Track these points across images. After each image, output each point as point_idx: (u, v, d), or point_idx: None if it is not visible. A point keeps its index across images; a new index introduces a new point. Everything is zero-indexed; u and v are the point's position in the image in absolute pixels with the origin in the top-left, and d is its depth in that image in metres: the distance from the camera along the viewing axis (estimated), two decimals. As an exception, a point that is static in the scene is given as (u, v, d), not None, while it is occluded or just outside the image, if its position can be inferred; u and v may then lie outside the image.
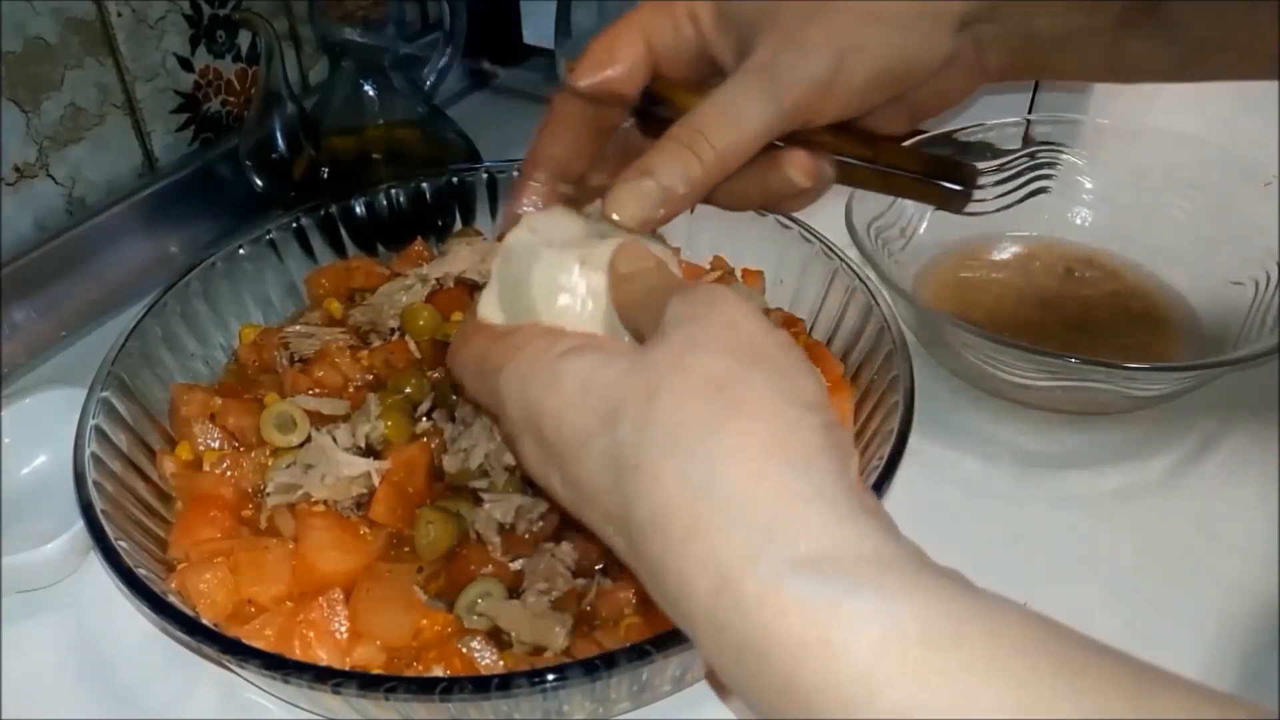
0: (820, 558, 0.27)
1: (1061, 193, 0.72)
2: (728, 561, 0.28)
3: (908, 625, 0.25)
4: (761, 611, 0.27)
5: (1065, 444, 0.61)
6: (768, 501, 0.28)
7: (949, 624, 0.25)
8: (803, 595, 0.26)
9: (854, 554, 0.27)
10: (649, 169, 0.38)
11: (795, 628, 0.26)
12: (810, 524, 0.28)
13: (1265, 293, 0.63)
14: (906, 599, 0.26)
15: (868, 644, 0.25)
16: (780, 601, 0.27)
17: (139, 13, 0.72)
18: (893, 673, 0.25)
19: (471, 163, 0.73)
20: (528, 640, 0.46)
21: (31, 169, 0.69)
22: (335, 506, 0.51)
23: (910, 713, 0.24)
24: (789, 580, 0.27)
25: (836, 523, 0.28)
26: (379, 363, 0.58)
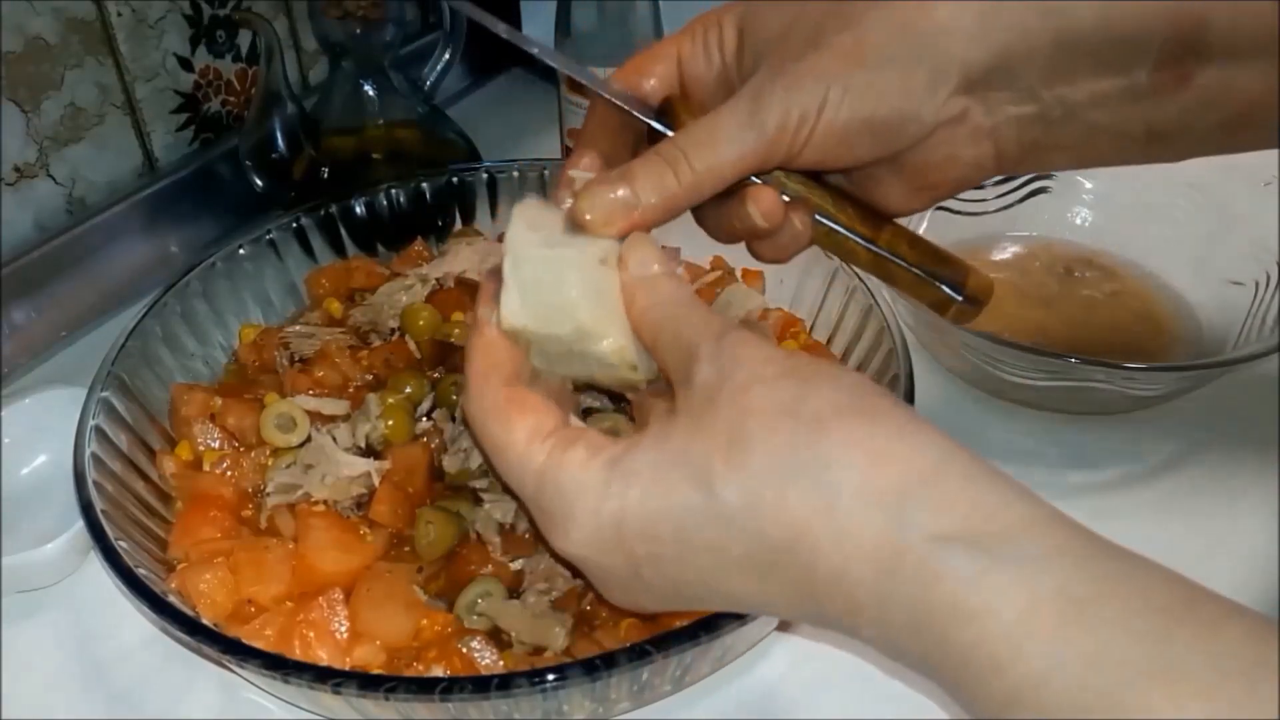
0: (959, 532, 0.29)
1: (1061, 193, 0.72)
2: (876, 549, 0.30)
3: (1047, 590, 0.27)
4: (919, 588, 0.29)
5: (1065, 444, 0.61)
6: (894, 487, 0.30)
7: (1085, 587, 0.27)
8: (952, 568, 0.29)
9: (991, 524, 0.29)
10: (628, 177, 0.39)
11: (948, 598, 0.28)
12: (941, 499, 0.30)
13: (1265, 293, 0.63)
14: (1045, 565, 0.28)
15: (1012, 609, 0.27)
16: (934, 574, 0.29)
17: (139, 13, 0.72)
18: (1035, 635, 0.27)
19: (471, 163, 0.73)
20: (528, 640, 0.46)
21: (31, 169, 0.69)
22: (335, 506, 0.51)
23: (1054, 667, 0.27)
24: (936, 556, 0.29)
25: (962, 492, 0.30)
26: (379, 363, 0.58)
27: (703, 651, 0.43)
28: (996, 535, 0.29)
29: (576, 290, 0.38)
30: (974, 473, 0.31)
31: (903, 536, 0.29)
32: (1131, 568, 0.28)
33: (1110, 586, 0.28)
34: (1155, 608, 0.27)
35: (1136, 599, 0.27)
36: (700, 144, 0.38)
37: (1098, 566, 0.28)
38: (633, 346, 0.38)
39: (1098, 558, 0.28)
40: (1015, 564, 0.28)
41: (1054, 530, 0.29)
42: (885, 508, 0.30)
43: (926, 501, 0.30)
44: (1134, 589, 0.28)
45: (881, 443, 0.31)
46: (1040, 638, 0.27)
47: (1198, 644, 0.26)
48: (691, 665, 0.46)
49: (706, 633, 0.41)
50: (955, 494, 0.30)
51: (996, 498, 0.30)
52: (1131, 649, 0.26)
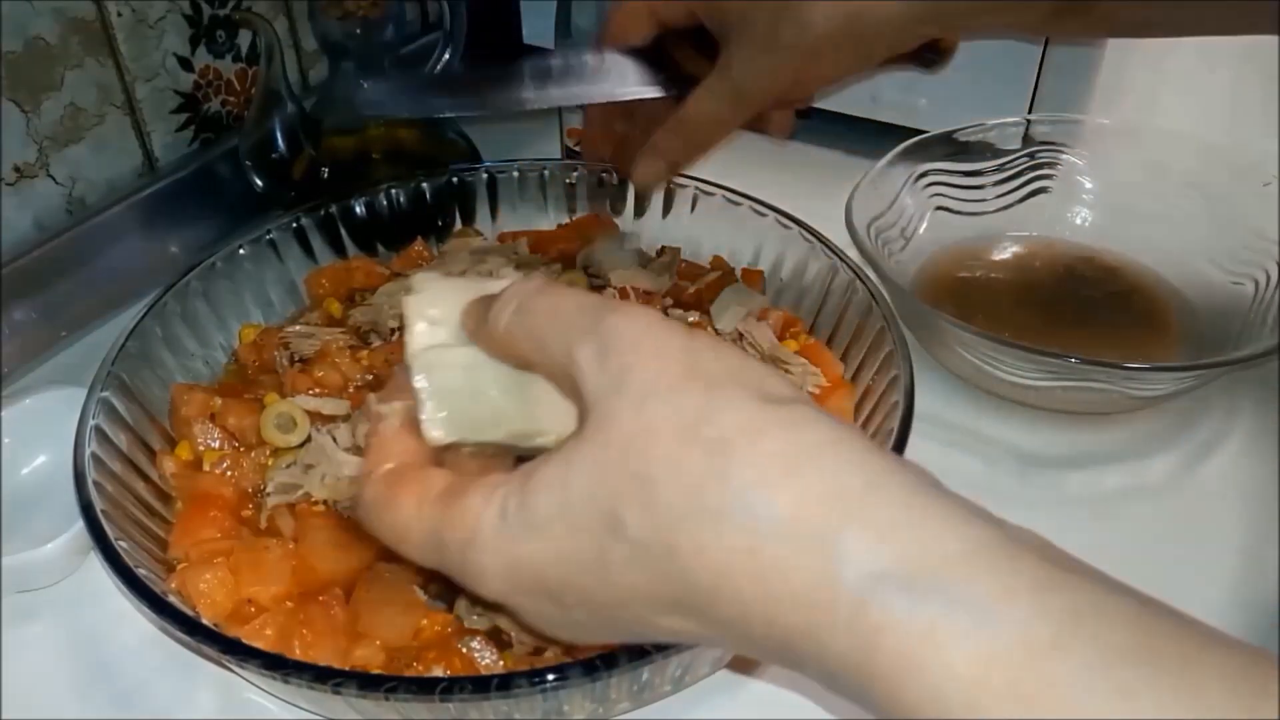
0: (901, 568, 0.26)
1: (1061, 193, 0.72)
2: (808, 594, 0.27)
3: (1006, 638, 0.25)
4: (859, 638, 0.26)
5: (1065, 444, 0.61)
6: (819, 517, 0.27)
7: (1048, 630, 0.25)
8: (893, 615, 0.26)
9: (933, 556, 0.26)
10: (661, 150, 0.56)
11: (892, 650, 0.26)
12: (877, 526, 0.27)
13: (1265, 293, 0.63)
14: (1000, 607, 0.25)
15: (966, 663, 0.25)
16: (874, 624, 0.26)
17: (139, 13, 0.72)
18: (995, 691, 0.24)
19: (471, 163, 0.73)
20: (528, 640, 0.46)
21: (31, 169, 0.69)
22: (335, 506, 0.51)
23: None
24: (876, 600, 0.26)
25: (903, 516, 0.27)
26: (379, 363, 0.58)
27: (703, 651, 0.43)
28: (943, 571, 0.26)
29: (497, 390, 0.36)
30: (912, 492, 0.27)
31: (835, 578, 0.26)
32: (1097, 601, 0.25)
33: (1073, 629, 0.25)
34: (1127, 654, 0.24)
35: (1104, 643, 0.24)
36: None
37: (1059, 601, 0.25)
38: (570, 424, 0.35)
39: (1059, 590, 0.25)
40: (968, 607, 0.25)
41: (1010, 560, 0.26)
42: (812, 543, 0.27)
43: (859, 532, 0.26)
44: (1100, 628, 0.25)
45: (801, 464, 0.28)
46: (999, 697, 0.24)
47: (1173, 698, 0.23)
48: (691, 665, 0.46)
49: (706, 633, 0.41)
50: (892, 520, 0.27)
51: (939, 522, 0.27)
52: (1100, 709, 0.23)
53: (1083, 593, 0.25)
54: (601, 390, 0.31)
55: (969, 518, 0.27)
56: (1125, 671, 0.24)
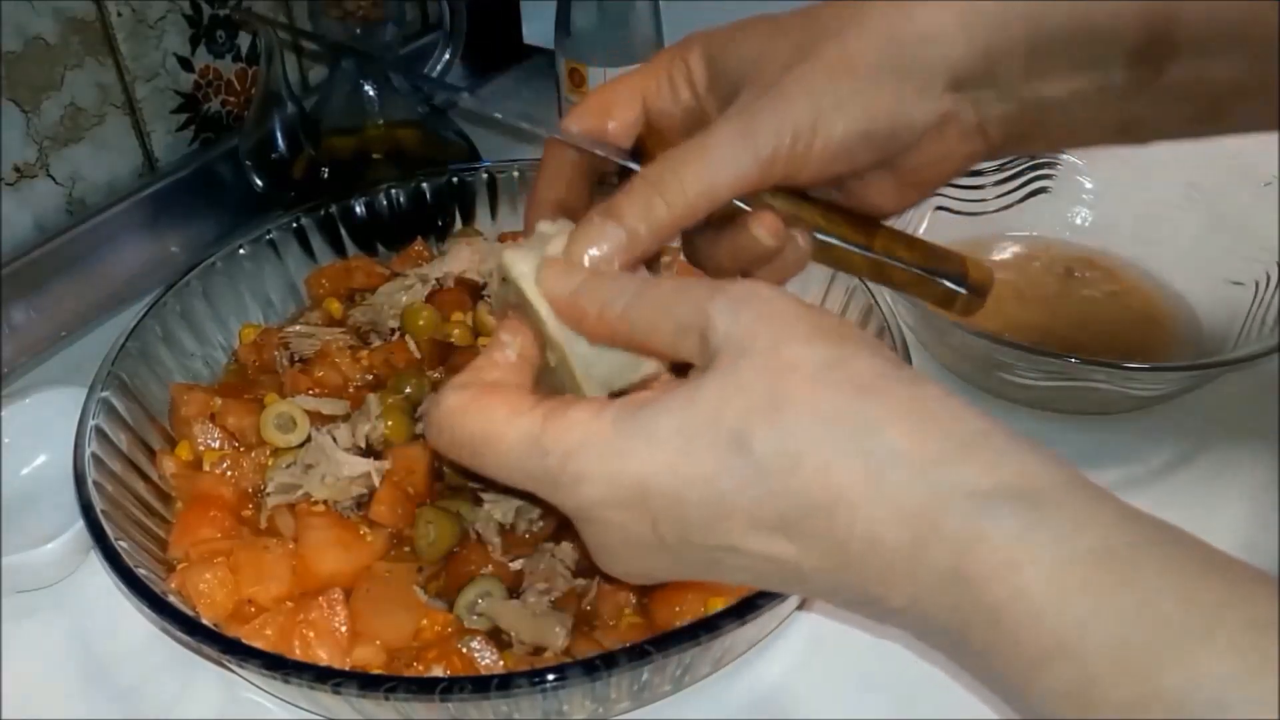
0: (1002, 489, 0.30)
1: (1061, 193, 0.72)
2: (917, 514, 0.30)
3: (1088, 545, 0.28)
4: (958, 544, 0.29)
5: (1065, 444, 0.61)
6: (936, 452, 0.30)
7: (1125, 545, 0.28)
8: (994, 523, 0.29)
9: (1031, 484, 0.30)
10: (615, 213, 0.37)
11: (988, 553, 0.29)
12: (984, 460, 0.30)
13: (1265, 293, 0.63)
14: (1086, 522, 0.29)
15: (1054, 561, 0.28)
16: (975, 533, 0.29)
17: (139, 13, 0.72)
18: (1075, 587, 0.28)
19: (471, 163, 0.73)
20: (528, 640, 0.46)
21: (31, 169, 0.69)
22: (335, 506, 0.51)
23: (1095, 616, 0.27)
24: (980, 512, 0.29)
25: (1002, 455, 0.31)
26: (379, 363, 0.58)
27: (703, 651, 0.43)
28: (1039, 493, 0.30)
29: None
30: (1009, 440, 0.31)
31: (944, 497, 0.30)
32: (1165, 531, 0.29)
33: (1147, 547, 0.28)
34: (1192, 568, 0.28)
35: (1173, 559, 0.28)
36: (690, 165, 0.37)
37: (1135, 528, 0.29)
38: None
39: (1135, 520, 0.29)
40: (1057, 520, 0.29)
41: (1093, 493, 0.30)
42: (929, 474, 0.30)
43: (970, 464, 0.30)
44: (1170, 550, 0.28)
45: (926, 409, 0.31)
46: (1080, 590, 0.28)
47: (1232, 603, 0.27)
48: (691, 665, 0.46)
49: (706, 633, 0.41)
50: (998, 457, 0.30)
51: (1038, 461, 0.31)
52: (1170, 605, 0.27)
53: (1155, 524, 0.29)
54: (734, 335, 0.33)
55: (1060, 461, 0.31)
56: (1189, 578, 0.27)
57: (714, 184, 0.37)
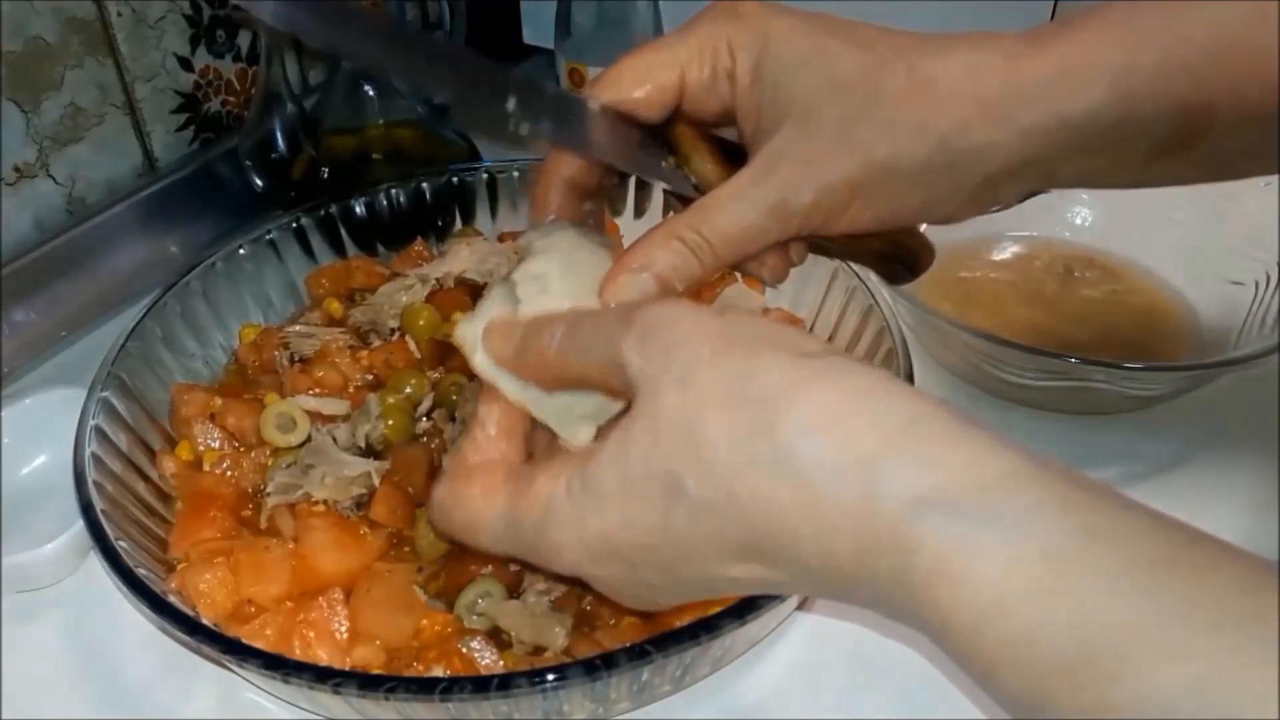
0: (936, 492, 0.29)
1: (1061, 193, 0.72)
2: (856, 521, 0.29)
3: (1030, 550, 0.27)
4: (900, 556, 0.29)
5: (1065, 444, 0.61)
6: (862, 454, 0.30)
7: (1068, 542, 0.27)
8: (930, 532, 0.28)
9: (967, 480, 0.29)
10: (649, 262, 0.39)
11: (928, 563, 0.28)
12: (915, 458, 0.29)
13: (1265, 293, 0.63)
14: (1026, 522, 0.28)
15: (994, 569, 0.27)
16: (914, 542, 0.28)
17: (139, 13, 0.72)
18: (1019, 593, 0.27)
19: (471, 163, 0.73)
20: (528, 640, 0.46)
21: (31, 169, 0.69)
22: (335, 506, 0.51)
23: (1040, 632, 0.26)
24: (916, 521, 0.28)
25: (938, 449, 0.29)
26: (379, 363, 0.58)
27: (703, 651, 0.43)
28: (974, 495, 0.28)
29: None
30: (946, 428, 0.30)
31: (878, 506, 0.29)
32: (1116, 518, 0.28)
33: (1094, 541, 0.27)
34: (1141, 562, 0.26)
35: (1122, 552, 0.27)
36: (723, 232, 0.39)
37: (1080, 519, 0.28)
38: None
39: (1080, 509, 0.28)
40: (995, 524, 0.28)
41: (1035, 483, 0.29)
42: (857, 478, 0.29)
43: (899, 465, 0.29)
44: (1119, 542, 0.27)
45: (845, 409, 0.30)
46: (1023, 598, 0.27)
47: (1185, 599, 0.25)
48: (691, 665, 0.46)
49: (706, 633, 0.41)
50: (927, 454, 0.29)
51: (970, 454, 0.29)
52: (1117, 607, 0.26)
53: (1103, 511, 0.28)
54: (647, 371, 0.33)
55: (999, 448, 0.30)
56: (1141, 577, 0.26)
57: (743, 248, 0.39)
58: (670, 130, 0.42)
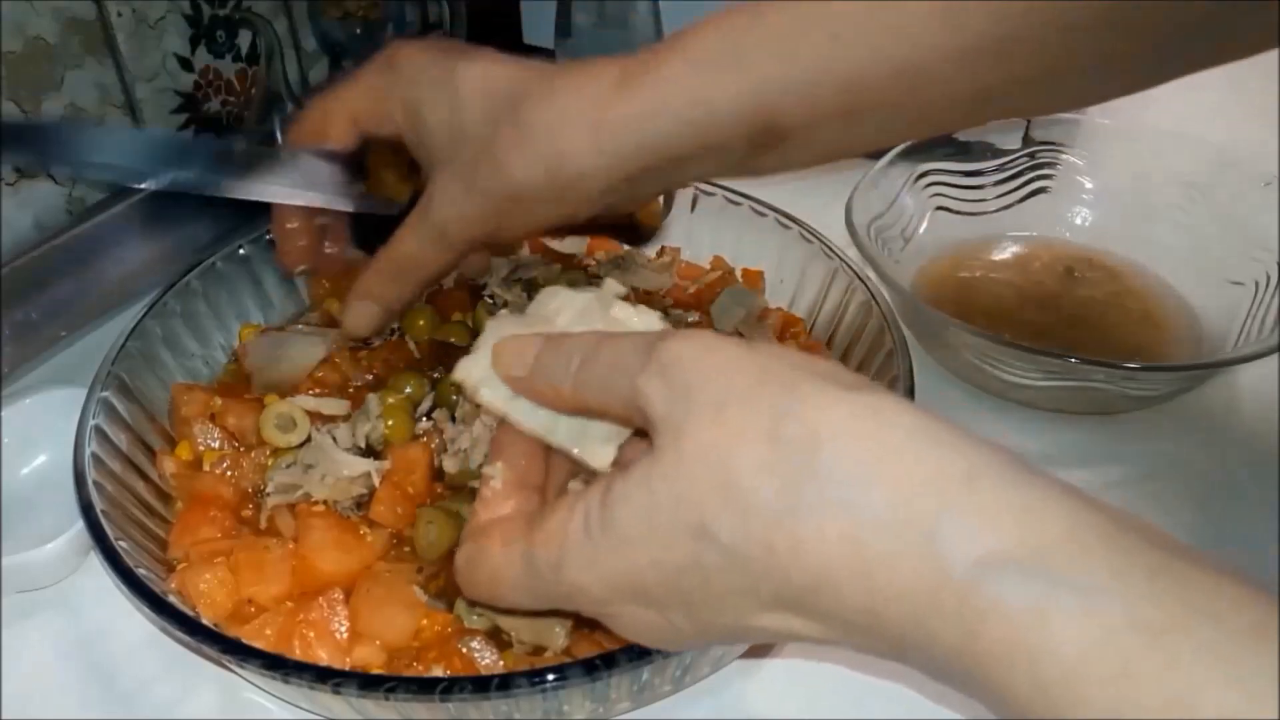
0: (1006, 553, 0.26)
1: (1061, 193, 0.72)
2: (913, 585, 0.27)
3: (1113, 620, 0.24)
4: (965, 624, 0.26)
5: (1065, 444, 0.61)
6: (918, 511, 0.27)
7: (1157, 613, 0.24)
8: (999, 600, 0.25)
9: (1040, 540, 0.26)
10: (368, 293, 0.51)
11: (998, 635, 0.25)
12: (979, 512, 0.26)
13: (1265, 293, 0.63)
14: (1108, 589, 0.25)
15: (1073, 645, 0.24)
16: (980, 609, 0.26)
17: (139, 13, 0.72)
18: (1101, 674, 0.24)
19: (471, 163, 0.73)
20: (528, 640, 0.46)
21: (31, 169, 0.69)
22: (335, 506, 0.51)
23: (1123, 713, 0.23)
24: (982, 586, 0.26)
25: (1004, 501, 0.26)
26: (379, 363, 0.58)
27: (702, 651, 0.43)
28: (1048, 555, 0.25)
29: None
30: (1011, 476, 0.27)
31: (940, 567, 0.26)
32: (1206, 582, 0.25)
33: (1184, 610, 0.24)
34: (1239, 634, 0.24)
35: (1219, 625, 0.24)
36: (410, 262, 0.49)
37: (1169, 585, 0.25)
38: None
39: (1166, 572, 0.25)
40: (1073, 590, 0.25)
41: (1114, 541, 0.26)
42: (913, 534, 0.26)
43: (962, 520, 0.26)
44: (1215, 610, 0.24)
45: (896, 455, 0.27)
46: (1113, 678, 0.24)
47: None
48: (692, 665, 0.46)
49: (706, 633, 0.41)
50: (994, 506, 0.26)
51: (1041, 506, 0.26)
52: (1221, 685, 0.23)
53: (1192, 576, 0.25)
54: (672, 411, 0.31)
55: (1070, 501, 0.27)
56: (1243, 651, 0.23)
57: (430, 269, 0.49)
58: (365, 156, 0.51)
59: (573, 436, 0.38)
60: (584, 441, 0.38)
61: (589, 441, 0.38)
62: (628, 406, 0.33)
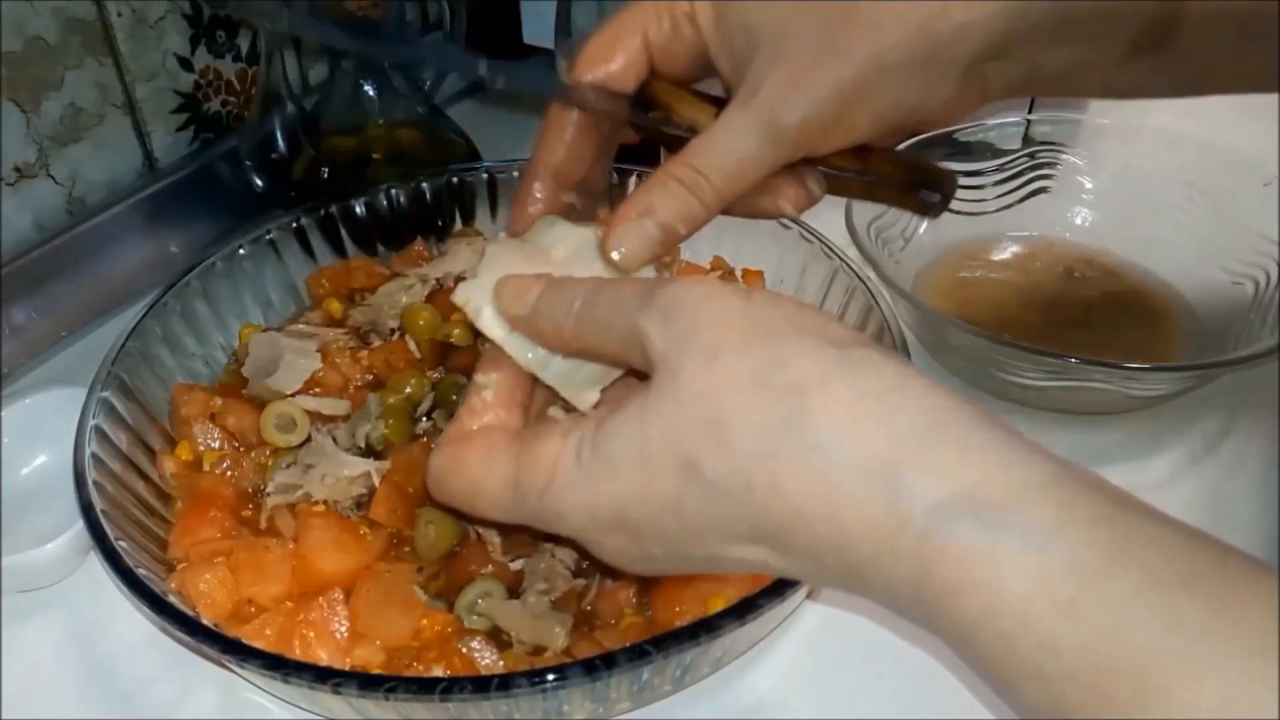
0: (963, 498, 0.28)
1: (1061, 193, 0.72)
2: (875, 526, 0.29)
3: (1056, 561, 0.26)
4: (921, 562, 0.28)
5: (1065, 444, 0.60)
6: (885, 455, 0.29)
7: (1096, 556, 0.26)
8: (952, 542, 0.28)
9: (991, 488, 0.28)
10: (650, 208, 0.39)
11: (953, 572, 0.28)
12: (939, 463, 0.29)
13: (1265, 293, 0.63)
14: (1053, 533, 0.27)
15: (1020, 582, 0.27)
16: (935, 549, 0.28)
17: (139, 13, 0.72)
18: (1046, 608, 0.26)
19: (471, 163, 0.73)
20: (528, 640, 0.46)
21: (31, 169, 0.69)
22: (335, 506, 0.51)
23: (1065, 645, 0.26)
24: (938, 529, 0.28)
25: (963, 454, 0.29)
26: (379, 363, 0.58)
27: (703, 651, 0.43)
28: (1000, 502, 0.28)
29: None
30: (972, 430, 0.29)
31: (900, 510, 0.28)
32: (1144, 530, 0.27)
33: (1122, 556, 0.26)
34: (1170, 577, 0.26)
35: (1150, 568, 0.26)
36: (718, 164, 0.38)
37: (1109, 533, 0.27)
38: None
39: (1108, 521, 0.27)
40: (1021, 533, 0.27)
41: (1060, 491, 0.28)
42: (879, 479, 0.29)
43: (922, 468, 0.29)
44: (1147, 556, 0.26)
45: (870, 407, 0.30)
46: (1051, 612, 0.26)
47: (1214, 617, 0.25)
48: (691, 665, 0.46)
49: (706, 633, 0.41)
50: (953, 457, 0.29)
51: (997, 458, 0.29)
52: (1146, 624, 0.25)
53: (1131, 523, 0.27)
54: (669, 349, 0.33)
55: (1025, 453, 0.29)
56: (1171, 593, 0.25)
57: (743, 179, 0.39)
58: (648, 91, 0.42)
59: (562, 377, 0.39)
60: (572, 382, 0.39)
61: (576, 383, 0.39)
62: (626, 346, 0.35)
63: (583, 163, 0.44)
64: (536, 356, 0.39)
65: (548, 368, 0.39)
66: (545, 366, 0.39)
